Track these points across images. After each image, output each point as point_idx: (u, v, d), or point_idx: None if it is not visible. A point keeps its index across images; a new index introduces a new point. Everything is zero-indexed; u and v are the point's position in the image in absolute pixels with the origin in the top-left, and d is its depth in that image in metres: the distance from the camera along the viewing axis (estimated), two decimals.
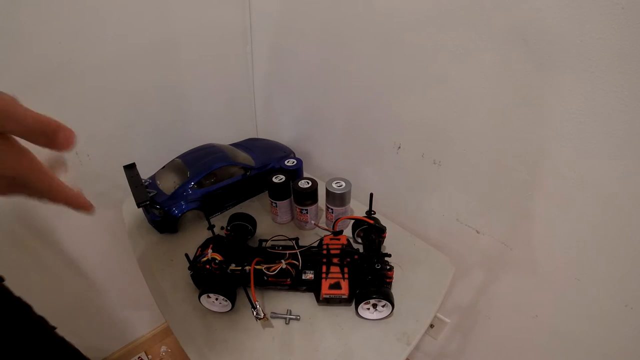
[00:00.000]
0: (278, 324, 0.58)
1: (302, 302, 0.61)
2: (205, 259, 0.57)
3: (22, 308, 0.49)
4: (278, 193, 0.74)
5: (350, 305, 0.60)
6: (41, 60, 0.65)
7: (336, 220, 0.71)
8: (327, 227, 0.74)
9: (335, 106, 0.82)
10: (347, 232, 0.73)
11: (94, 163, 0.76)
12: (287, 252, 0.62)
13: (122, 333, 1.13)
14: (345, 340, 0.55)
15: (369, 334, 0.56)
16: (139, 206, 0.65)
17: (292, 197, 0.75)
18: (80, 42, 0.66)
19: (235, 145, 0.92)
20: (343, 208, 0.73)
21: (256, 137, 1.05)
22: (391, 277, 0.58)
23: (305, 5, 0.74)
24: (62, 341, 0.53)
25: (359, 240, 0.72)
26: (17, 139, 0.25)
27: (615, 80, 0.43)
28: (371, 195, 0.68)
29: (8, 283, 0.47)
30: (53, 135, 0.25)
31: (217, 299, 0.58)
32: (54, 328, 0.52)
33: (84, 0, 0.62)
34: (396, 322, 0.58)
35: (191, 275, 0.61)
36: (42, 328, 0.51)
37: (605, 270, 0.54)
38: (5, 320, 0.45)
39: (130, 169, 0.72)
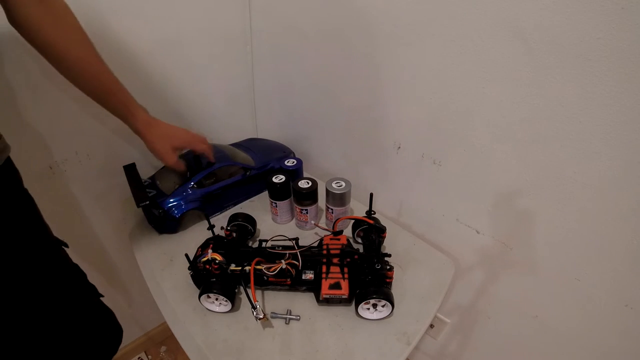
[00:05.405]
0: (278, 324, 0.58)
1: (302, 302, 0.61)
2: (205, 259, 0.57)
3: (79, 274, 0.55)
4: (278, 193, 0.74)
5: (350, 305, 0.60)
6: None
7: (336, 220, 0.71)
8: (327, 227, 0.74)
9: (335, 106, 0.82)
10: (347, 232, 0.73)
11: (94, 163, 0.76)
12: (287, 252, 0.62)
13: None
14: (345, 340, 0.55)
15: (369, 334, 0.56)
16: (138, 206, 0.65)
17: (292, 197, 0.75)
18: None
19: (235, 145, 0.92)
20: (343, 208, 0.73)
21: (256, 137, 1.05)
22: (391, 277, 0.58)
23: (305, 5, 0.74)
24: (106, 308, 0.60)
25: (359, 240, 0.72)
26: None
27: (615, 80, 0.43)
28: (371, 195, 0.68)
29: None
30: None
31: (217, 299, 0.58)
32: (101, 296, 0.59)
33: (86, 1, 0.62)
34: (396, 322, 0.58)
35: (191, 275, 0.61)
36: (93, 294, 0.58)
37: (605, 270, 0.54)
38: (64, 282, 0.50)
39: (130, 169, 0.72)
